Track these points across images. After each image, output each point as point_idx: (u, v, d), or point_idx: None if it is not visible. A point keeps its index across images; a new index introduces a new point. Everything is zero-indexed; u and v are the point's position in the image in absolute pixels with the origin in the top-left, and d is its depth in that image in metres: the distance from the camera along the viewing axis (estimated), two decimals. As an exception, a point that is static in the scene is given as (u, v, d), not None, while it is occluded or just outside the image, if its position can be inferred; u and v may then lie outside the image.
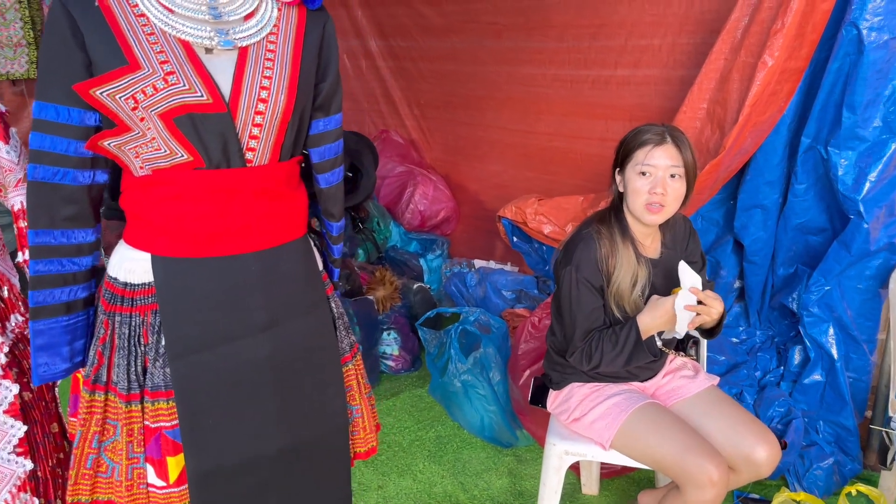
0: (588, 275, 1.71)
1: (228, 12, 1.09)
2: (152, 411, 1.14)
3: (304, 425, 1.23)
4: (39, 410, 1.37)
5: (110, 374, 1.16)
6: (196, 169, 1.10)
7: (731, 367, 2.48)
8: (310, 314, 1.23)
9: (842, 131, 2.11)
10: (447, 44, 3.86)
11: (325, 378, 1.25)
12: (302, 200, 1.24)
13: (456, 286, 3.43)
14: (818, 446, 2.30)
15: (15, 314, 1.36)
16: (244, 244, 1.15)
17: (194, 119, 1.06)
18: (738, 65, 2.20)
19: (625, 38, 2.91)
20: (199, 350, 1.13)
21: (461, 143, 4.04)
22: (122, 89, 1.03)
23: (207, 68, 1.08)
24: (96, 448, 1.16)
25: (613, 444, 1.79)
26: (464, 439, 2.65)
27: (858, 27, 2.02)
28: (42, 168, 1.09)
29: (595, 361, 1.73)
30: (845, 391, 2.26)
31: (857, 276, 2.21)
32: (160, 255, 1.12)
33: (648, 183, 1.67)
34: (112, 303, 1.16)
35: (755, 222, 2.40)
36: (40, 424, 1.36)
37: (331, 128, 1.28)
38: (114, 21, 1.04)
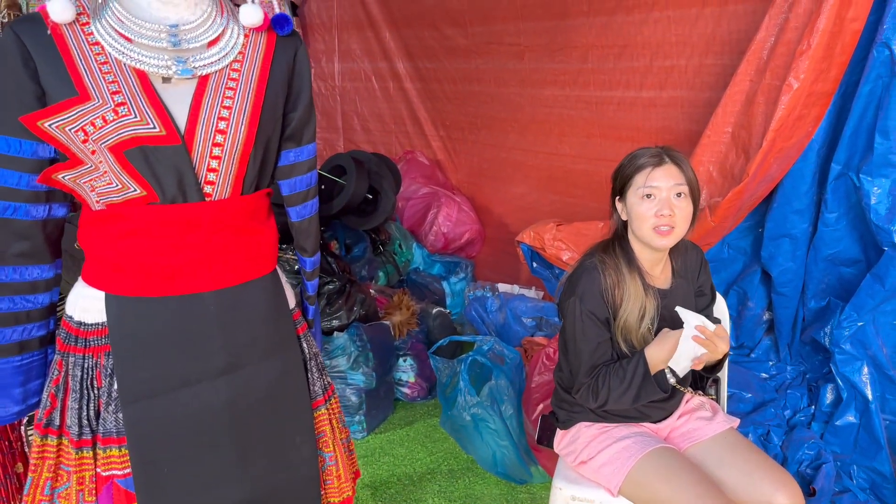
0: (593, 307, 1.62)
1: (189, 39, 1.05)
2: (104, 458, 1.09)
3: (267, 475, 1.16)
4: (1, 451, 1.33)
5: (64, 418, 1.11)
6: (150, 204, 1.05)
7: (759, 405, 2.35)
8: (275, 356, 1.17)
9: (874, 158, 1.99)
10: (471, 65, 3.82)
11: (291, 424, 1.18)
12: (270, 235, 1.19)
13: (477, 311, 3.35)
14: (851, 493, 2.15)
15: None
16: (202, 282, 1.09)
17: (146, 151, 1.02)
18: (763, 87, 2.10)
19: (650, 59, 2.82)
20: (154, 395, 1.08)
21: (485, 164, 3.99)
22: (72, 121, 0.99)
23: (162, 98, 1.03)
24: (49, 495, 1.11)
25: (622, 490, 1.68)
26: (477, 474, 2.56)
27: (891, 48, 1.91)
28: None
29: (602, 398, 1.63)
30: (881, 434, 2.11)
31: (892, 311, 2.08)
32: (114, 293, 1.08)
33: (654, 205, 1.58)
34: (66, 342, 1.12)
35: (783, 252, 2.28)
36: (2, 465, 1.33)
37: (302, 159, 1.23)
38: (66, 50, 1.01)
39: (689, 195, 1.61)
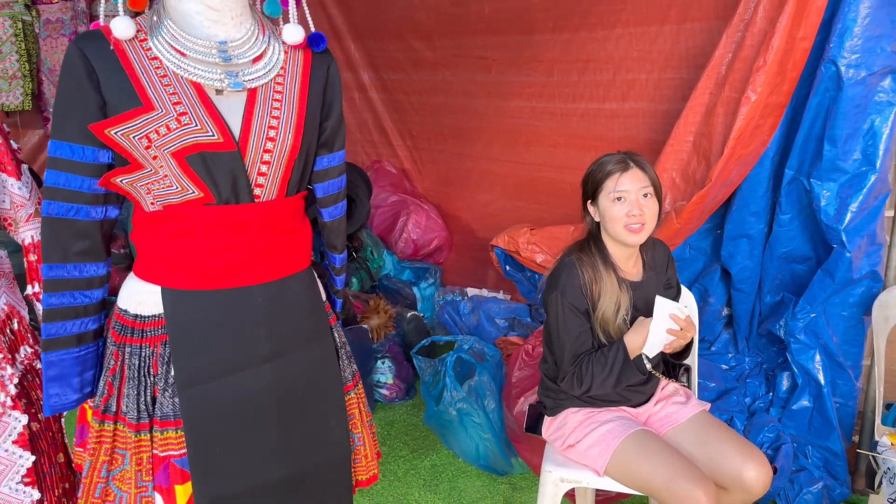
0: (573, 300, 1.78)
1: (238, 55, 1.15)
2: (161, 440, 1.17)
3: (306, 453, 1.26)
4: (46, 441, 1.39)
5: (119, 405, 1.19)
6: (206, 205, 1.14)
7: (722, 393, 2.53)
8: (313, 344, 1.27)
9: (823, 164, 2.19)
10: (438, 77, 3.94)
11: (327, 407, 1.29)
12: (307, 233, 1.29)
13: (449, 314, 3.47)
14: (807, 471, 2.34)
15: (24, 346, 1.39)
16: (251, 277, 1.19)
17: (205, 157, 1.11)
18: (722, 99, 2.27)
19: (612, 73, 2.99)
20: (207, 380, 1.17)
21: (452, 173, 4.11)
22: (137, 129, 1.08)
23: (218, 109, 1.13)
24: (105, 477, 1.18)
25: (607, 470, 1.82)
26: (459, 468, 2.67)
27: (837, 64, 2.11)
28: (56, 204, 1.13)
29: (586, 384, 1.78)
30: (832, 416, 2.31)
31: (841, 303, 2.27)
32: (170, 287, 1.16)
33: (625, 207, 1.75)
34: (122, 334, 1.20)
35: (742, 251, 2.47)
36: (47, 455, 1.39)
37: (334, 164, 1.34)
38: (128, 64, 1.09)
39: (654, 195, 1.79)
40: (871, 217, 2.19)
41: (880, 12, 2.05)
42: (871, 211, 2.18)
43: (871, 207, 2.18)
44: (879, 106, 2.11)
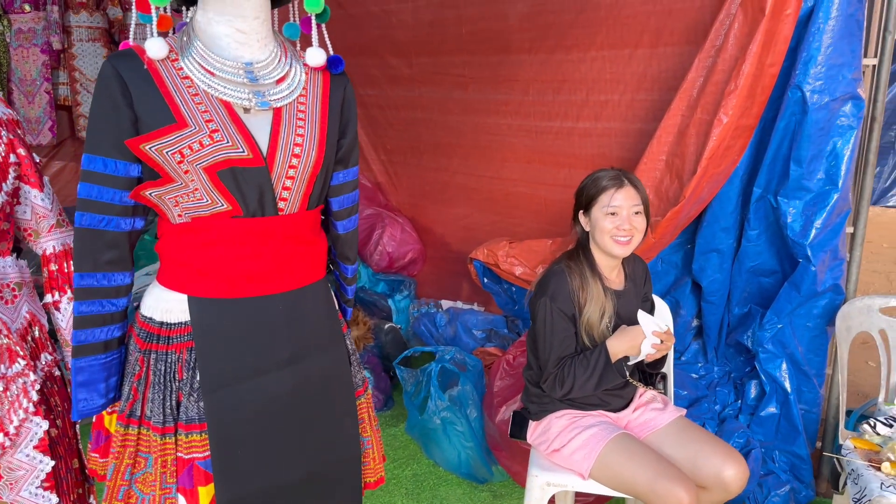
0: (561, 304, 1.88)
1: (263, 76, 1.20)
2: (186, 443, 1.21)
3: (321, 455, 1.31)
4: (64, 446, 1.41)
5: (144, 409, 1.22)
6: (234, 217, 1.19)
7: (693, 400, 2.63)
8: (328, 350, 1.32)
9: (789, 183, 2.32)
10: (415, 93, 4.02)
11: (340, 410, 1.34)
12: (323, 245, 1.34)
13: (426, 326, 3.52)
14: (775, 475, 2.46)
15: (45, 353, 1.41)
16: (273, 285, 1.24)
17: (235, 172, 1.16)
18: (694, 121, 2.39)
19: (586, 94, 3.10)
20: (231, 384, 1.21)
21: (427, 187, 4.18)
22: (170, 145, 1.13)
23: (247, 126, 1.18)
24: (128, 480, 1.21)
25: (592, 473, 1.90)
26: (440, 476, 2.73)
27: (802, 90, 2.25)
28: (89, 216, 1.17)
29: (568, 386, 1.87)
30: (798, 422, 2.43)
31: (806, 314, 2.40)
32: (197, 296, 1.21)
33: (617, 221, 1.88)
34: (147, 341, 1.23)
35: (712, 265, 2.59)
36: (64, 460, 1.40)
37: (349, 179, 1.40)
38: (161, 82, 1.14)
39: (643, 212, 1.91)
40: (834, 233, 2.32)
41: (842, 42, 2.20)
42: (834, 227, 2.32)
43: (834, 224, 2.32)
44: (841, 129, 2.26)
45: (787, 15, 2.17)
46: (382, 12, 3.96)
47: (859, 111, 2.25)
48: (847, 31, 2.19)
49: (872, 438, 2.10)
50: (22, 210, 1.38)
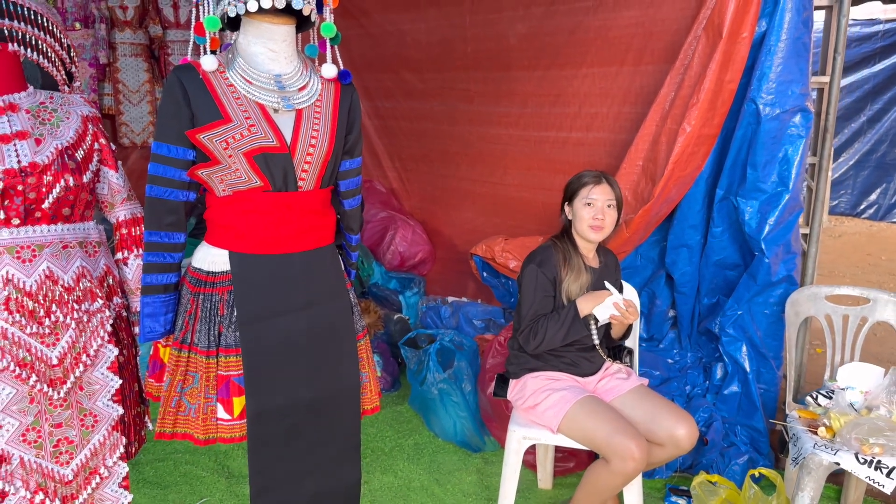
0: (547, 270, 2.23)
1: (289, 85, 1.56)
2: (224, 363, 1.57)
3: (327, 382, 1.65)
4: (128, 371, 1.76)
5: (193, 338, 1.58)
6: (265, 191, 1.55)
7: (665, 380, 2.93)
8: (335, 300, 1.67)
9: (747, 185, 2.63)
10: (426, 106, 4.37)
11: (344, 348, 1.68)
12: (332, 218, 1.70)
13: (431, 318, 3.86)
14: (736, 446, 2.74)
15: (115, 297, 1.77)
16: (294, 246, 1.59)
17: (266, 157, 1.52)
18: (665, 130, 2.71)
19: (578, 107, 3.42)
20: (260, 320, 1.56)
21: (437, 192, 4.52)
22: (219, 135, 1.49)
23: (276, 123, 1.53)
24: (178, 392, 1.58)
25: (560, 428, 2.21)
26: (438, 446, 3.05)
27: (757, 103, 2.56)
28: (156, 188, 1.54)
29: (540, 338, 2.20)
30: (757, 399, 2.72)
31: (763, 302, 2.70)
32: (236, 251, 1.57)
33: (592, 211, 2.23)
34: (197, 286, 1.60)
35: (682, 259, 2.90)
36: (128, 382, 1.75)
37: (354, 166, 1.75)
38: (212, 89, 1.50)
39: (615, 207, 2.27)
40: (787, 230, 2.62)
41: (791, 62, 2.51)
42: (786, 224, 2.62)
43: (786, 221, 2.62)
44: (791, 138, 2.57)
45: (743, 38, 2.50)
46: (398, 32, 4.33)
47: (808, 122, 2.55)
48: (795, 52, 2.50)
49: (815, 409, 2.40)
50: (101, 186, 1.75)
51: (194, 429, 1.59)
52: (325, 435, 1.67)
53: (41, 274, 1.56)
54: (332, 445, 1.68)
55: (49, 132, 1.60)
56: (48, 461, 1.60)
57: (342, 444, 1.70)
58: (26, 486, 1.58)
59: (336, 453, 1.69)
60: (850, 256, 6.44)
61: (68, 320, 1.59)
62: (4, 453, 1.56)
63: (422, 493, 2.72)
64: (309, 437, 1.64)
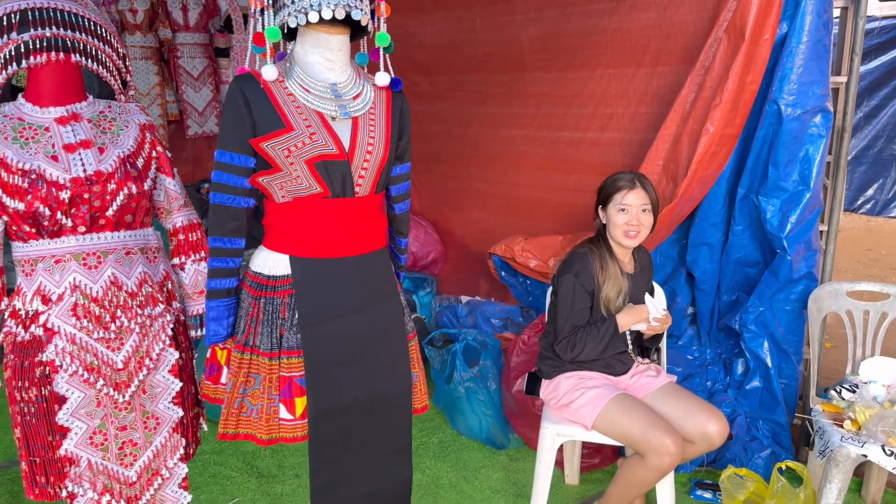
0: (584, 281, 2.24)
1: (344, 93, 1.58)
2: (287, 364, 1.60)
3: (381, 382, 1.68)
4: (187, 374, 1.79)
5: (255, 340, 1.61)
6: (324, 197, 1.58)
7: (687, 376, 2.98)
8: (388, 302, 1.70)
9: (768, 184, 2.68)
10: (436, 108, 4.39)
11: (397, 349, 1.71)
12: (385, 222, 1.74)
13: (447, 317, 3.89)
14: (758, 440, 2.80)
15: (174, 301, 1.80)
16: (351, 250, 1.62)
17: (326, 164, 1.55)
18: (686, 131, 2.76)
19: (594, 107, 3.47)
20: (320, 322, 1.59)
21: (449, 194, 4.55)
22: (281, 143, 1.52)
23: (335, 130, 1.56)
24: (241, 394, 1.61)
25: (594, 425, 2.25)
26: (463, 443, 3.08)
27: (778, 104, 2.61)
28: (220, 195, 1.57)
29: (577, 350, 2.23)
30: (778, 394, 2.77)
31: (784, 299, 2.75)
32: (296, 256, 1.60)
33: (626, 217, 2.23)
34: (258, 290, 1.62)
35: (703, 257, 2.95)
36: (186, 385, 1.79)
37: (404, 171, 1.79)
38: (273, 98, 1.53)
39: (651, 211, 2.28)
40: (807, 227, 2.68)
41: (811, 63, 2.57)
42: (807, 222, 2.67)
43: (807, 220, 2.67)
44: (812, 137, 2.62)
45: (764, 40, 2.55)
46: (405, 34, 4.35)
47: (828, 122, 2.61)
48: (816, 54, 2.56)
49: (838, 403, 2.45)
50: (157, 193, 1.77)
51: (257, 429, 1.61)
52: (380, 433, 1.70)
53: (106, 280, 1.59)
54: (386, 443, 1.72)
55: (110, 141, 1.62)
56: (114, 463, 1.63)
57: (395, 443, 1.74)
58: (93, 488, 1.61)
59: (389, 451, 1.73)
60: (849, 252, 6.52)
61: (132, 325, 1.62)
62: (73, 456, 1.59)
63: (450, 490, 2.76)
64: (364, 436, 1.67)
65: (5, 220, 1.55)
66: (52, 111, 1.58)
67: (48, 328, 1.56)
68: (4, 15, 1.49)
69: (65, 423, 1.58)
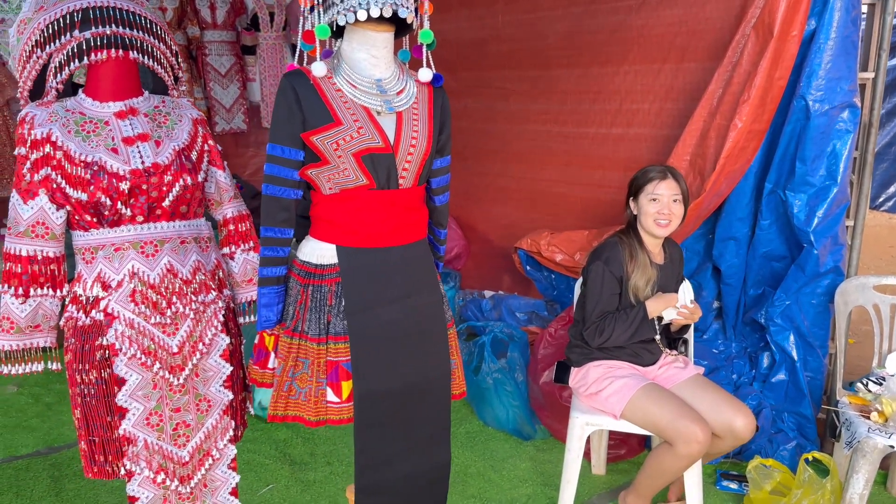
0: (613, 268, 2.29)
1: (389, 89, 1.64)
2: (334, 350, 1.66)
3: (423, 368, 1.74)
4: (236, 359, 1.86)
5: (303, 326, 1.67)
6: (370, 189, 1.63)
7: (713, 369, 3.02)
8: (428, 291, 1.76)
9: (795, 179, 2.71)
10: (460, 104, 4.44)
11: (437, 337, 1.77)
12: (426, 213, 1.79)
13: (472, 311, 3.95)
14: (784, 433, 2.83)
15: (225, 289, 1.87)
16: (394, 240, 1.68)
17: (373, 157, 1.60)
18: (714, 126, 2.79)
19: (620, 103, 3.50)
20: (365, 309, 1.65)
21: (472, 189, 4.60)
22: (330, 137, 1.57)
23: (381, 124, 1.62)
24: (290, 377, 1.67)
25: (623, 414, 2.30)
26: (489, 434, 3.14)
27: (806, 99, 2.64)
28: (272, 187, 1.63)
29: (606, 335, 2.29)
30: (804, 387, 2.80)
31: (810, 293, 2.78)
32: (343, 245, 1.66)
33: (657, 206, 2.28)
34: (307, 278, 1.68)
35: (730, 251, 2.98)
36: (235, 369, 1.85)
37: (444, 165, 1.84)
38: (323, 93, 1.59)
39: (682, 202, 2.32)
40: (834, 222, 2.71)
41: (839, 59, 2.59)
42: (834, 217, 2.70)
43: (834, 214, 2.70)
44: (839, 133, 2.64)
45: (792, 36, 2.58)
46: (428, 31, 4.40)
47: (855, 117, 2.63)
48: (844, 50, 2.58)
49: (865, 395, 2.48)
50: (208, 185, 1.84)
51: (305, 411, 1.68)
52: (421, 417, 1.76)
53: (163, 267, 1.66)
54: (427, 427, 1.78)
55: (166, 134, 1.69)
56: (168, 443, 1.70)
57: (435, 427, 1.79)
58: (149, 467, 1.68)
59: (429, 435, 1.79)
60: (872, 249, 6.50)
61: (187, 311, 1.69)
62: (131, 436, 1.66)
63: (478, 478, 2.81)
64: (406, 419, 1.73)
65: (68, 209, 1.63)
66: (112, 106, 1.66)
67: (108, 313, 1.63)
68: (67, 13, 1.56)
69: (123, 404, 1.65)
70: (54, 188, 1.60)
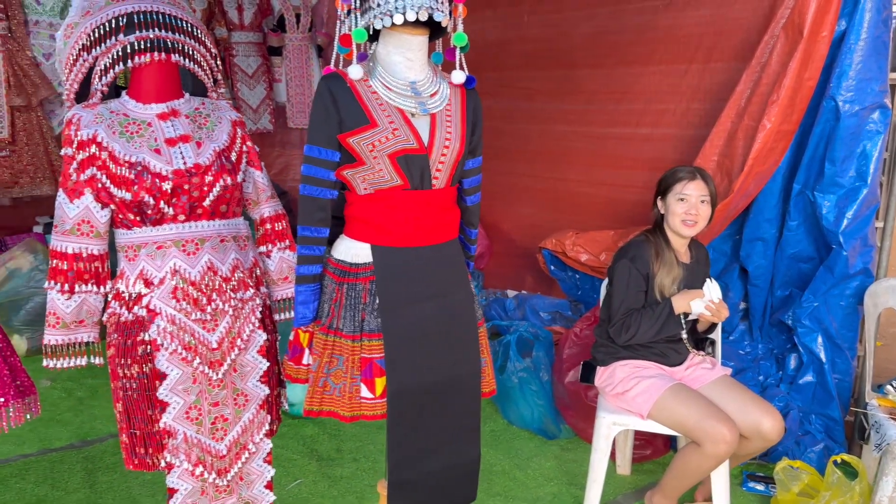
0: (640, 266, 2.31)
1: (423, 91, 1.67)
2: (368, 347, 1.69)
3: (455, 366, 1.77)
4: (272, 355, 1.90)
5: (338, 323, 1.71)
6: (404, 190, 1.67)
7: (739, 371, 3.01)
8: (460, 289, 1.78)
9: (825, 180, 2.70)
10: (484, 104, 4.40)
11: (468, 335, 1.79)
12: (458, 213, 1.82)
13: (496, 311, 3.97)
14: (811, 435, 2.82)
15: (262, 287, 1.91)
16: (427, 239, 1.71)
17: (407, 158, 1.63)
18: (742, 127, 2.79)
19: (646, 103, 3.51)
20: (399, 307, 1.68)
21: (495, 188, 4.60)
22: (367, 138, 1.61)
23: (415, 126, 1.65)
24: (325, 373, 1.71)
25: (650, 414, 2.31)
26: (514, 433, 3.16)
27: (836, 100, 2.63)
28: (309, 187, 1.67)
29: (632, 332, 2.30)
30: (832, 389, 2.79)
31: (839, 294, 2.77)
32: (378, 245, 1.69)
33: (685, 206, 2.29)
34: (342, 276, 1.72)
35: (757, 252, 2.98)
36: (271, 365, 1.90)
37: (476, 165, 1.86)
38: (359, 96, 1.62)
39: (709, 203, 2.33)
40: (864, 223, 2.69)
41: (870, 60, 2.58)
42: (864, 219, 2.69)
43: (864, 216, 2.69)
44: (870, 134, 2.63)
45: (822, 37, 2.57)
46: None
47: (886, 118, 2.62)
48: (874, 51, 2.57)
49: (894, 398, 2.47)
50: (246, 185, 1.89)
51: (340, 407, 1.72)
52: (452, 413, 1.79)
53: (203, 265, 1.70)
54: (458, 424, 1.80)
55: (206, 136, 1.73)
56: (206, 437, 1.75)
57: (465, 423, 1.82)
58: (188, 459, 1.72)
59: (461, 430, 1.82)
60: (898, 250, 6.43)
61: (226, 307, 1.73)
62: (171, 429, 1.71)
63: (503, 477, 2.83)
64: (438, 416, 1.76)
65: (112, 208, 1.67)
66: (154, 107, 1.70)
67: (150, 309, 1.68)
68: (112, 18, 1.61)
69: (164, 398, 1.69)
70: (99, 188, 1.65)
